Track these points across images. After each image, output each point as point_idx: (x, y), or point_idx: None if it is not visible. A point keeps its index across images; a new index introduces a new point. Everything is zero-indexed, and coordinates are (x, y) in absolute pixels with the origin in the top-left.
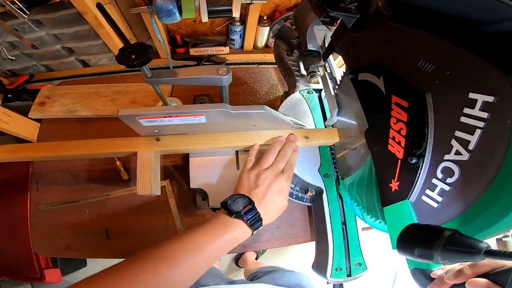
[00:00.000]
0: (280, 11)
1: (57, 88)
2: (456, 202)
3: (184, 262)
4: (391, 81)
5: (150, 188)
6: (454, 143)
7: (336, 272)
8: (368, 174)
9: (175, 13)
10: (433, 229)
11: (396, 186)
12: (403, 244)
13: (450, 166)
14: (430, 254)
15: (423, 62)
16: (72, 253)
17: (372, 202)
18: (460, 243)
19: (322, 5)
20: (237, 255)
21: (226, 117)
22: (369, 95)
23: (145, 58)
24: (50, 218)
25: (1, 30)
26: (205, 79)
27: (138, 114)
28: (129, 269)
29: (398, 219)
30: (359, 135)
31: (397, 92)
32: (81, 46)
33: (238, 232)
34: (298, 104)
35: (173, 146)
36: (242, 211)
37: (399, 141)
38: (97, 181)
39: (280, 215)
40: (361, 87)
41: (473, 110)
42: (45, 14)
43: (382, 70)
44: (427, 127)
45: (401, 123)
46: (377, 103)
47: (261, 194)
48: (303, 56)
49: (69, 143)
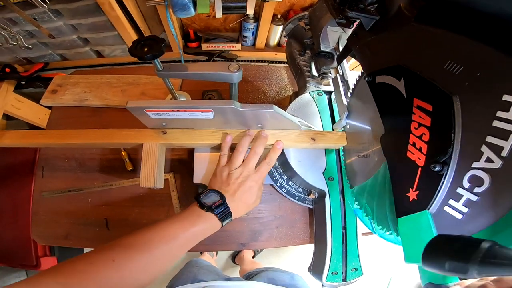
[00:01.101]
0: (295, 10)
1: (70, 77)
2: (485, 213)
3: (158, 249)
4: (413, 83)
5: (153, 181)
6: (485, 149)
7: (332, 276)
8: (381, 183)
9: (189, 7)
10: (468, 240)
11: (414, 195)
12: (431, 257)
13: (479, 175)
14: (465, 268)
15: (450, 63)
16: (70, 242)
17: (384, 212)
18: (502, 255)
19: (339, 6)
20: (234, 252)
21: (234, 114)
22: (388, 98)
23: (157, 52)
24: (51, 205)
25: (20, 19)
26: (216, 75)
27: (146, 106)
28: (106, 254)
29: (415, 231)
30: (373, 141)
31: (420, 95)
32: (96, 37)
33: (208, 224)
34: (307, 105)
35: (179, 140)
36: (213, 205)
37: (420, 147)
38: (101, 170)
39: (250, 210)
40: (379, 90)
41: (508, 114)
42: (64, 4)
43: (403, 72)
44: (454, 131)
45: (423, 128)
46: (397, 107)
47: (232, 191)
48: (316, 57)
49: (77, 132)
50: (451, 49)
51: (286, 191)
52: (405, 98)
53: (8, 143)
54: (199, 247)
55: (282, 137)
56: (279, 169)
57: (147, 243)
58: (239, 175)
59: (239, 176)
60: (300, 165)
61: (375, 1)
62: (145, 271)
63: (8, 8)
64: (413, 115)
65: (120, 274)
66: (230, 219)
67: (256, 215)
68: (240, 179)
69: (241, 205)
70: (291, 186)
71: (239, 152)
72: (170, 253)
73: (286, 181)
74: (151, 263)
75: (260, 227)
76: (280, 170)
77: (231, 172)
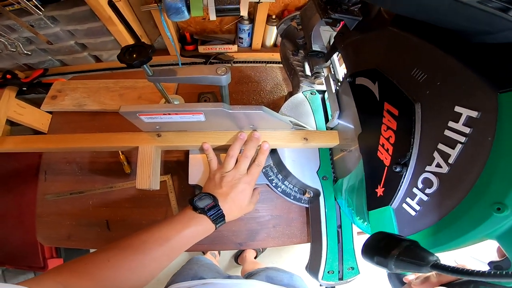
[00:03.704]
0: (289, 10)
1: (69, 82)
2: (431, 212)
3: (152, 250)
4: (385, 87)
5: (148, 182)
6: (436, 155)
7: (328, 275)
8: (360, 178)
9: (183, 11)
10: (394, 238)
11: (381, 191)
12: (366, 250)
13: (430, 178)
14: (386, 263)
15: (417, 71)
16: (73, 243)
17: (361, 204)
18: (413, 254)
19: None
20: (237, 252)
21: (225, 116)
22: (364, 99)
23: (144, 57)
24: (54, 207)
25: (18, 26)
26: (205, 79)
27: (138, 111)
28: (102, 255)
29: (380, 224)
30: (354, 138)
31: (390, 99)
32: (93, 42)
33: (201, 226)
34: (301, 105)
35: (173, 142)
36: (206, 208)
37: (388, 149)
38: (101, 173)
39: (245, 213)
40: (358, 91)
41: (457, 124)
42: (60, 11)
43: (378, 76)
44: (413, 137)
45: (390, 131)
46: (371, 108)
47: (224, 193)
48: (308, 57)
49: (76, 136)
50: (418, 56)
51: (281, 191)
52: (378, 101)
53: (11, 148)
54: (198, 247)
55: (274, 137)
56: (274, 169)
57: (142, 245)
58: (231, 178)
59: (231, 179)
60: (294, 164)
61: (358, 1)
62: (140, 272)
63: (5, 16)
64: (383, 118)
65: (115, 274)
66: (223, 222)
67: (253, 214)
68: (232, 182)
69: (234, 208)
70: (287, 185)
71: (230, 156)
72: (164, 254)
73: (282, 180)
74: (145, 264)
75: (257, 226)
76: (275, 170)
77: (223, 176)
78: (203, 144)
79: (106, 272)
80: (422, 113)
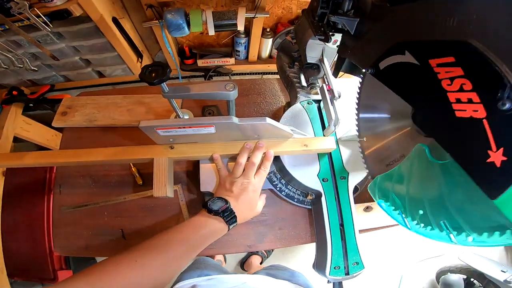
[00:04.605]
0: (283, 23)
1: (78, 98)
2: None
3: (175, 250)
4: (420, 49)
5: (165, 190)
6: None
7: (335, 270)
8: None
9: (184, 27)
10: None
11: (500, 156)
12: None
13: None
14: None
15: (444, 19)
16: (90, 252)
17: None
18: None
19: (318, 23)
20: (243, 258)
21: (233, 128)
22: (402, 76)
23: (163, 77)
24: (71, 219)
25: (24, 41)
26: (215, 95)
27: (157, 125)
28: (129, 256)
29: None
30: (394, 127)
31: (434, 54)
32: (97, 58)
33: (216, 226)
34: (299, 115)
35: (185, 154)
36: (220, 210)
37: (470, 99)
38: (114, 185)
39: (253, 216)
40: (388, 74)
41: None
42: (65, 27)
43: (404, 46)
44: (494, 64)
45: (458, 80)
46: (416, 77)
47: (235, 196)
48: (303, 69)
49: (93, 150)
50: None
51: (285, 195)
52: (419, 65)
53: (31, 163)
54: (209, 251)
55: (277, 145)
56: (277, 174)
57: (165, 244)
58: (241, 183)
59: (241, 184)
60: (296, 169)
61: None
62: (164, 270)
63: (12, 31)
64: (437, 74)
65: (142, 273)
66: (235, 223)
67: (260, 218)
68: (242, 187)
69: (244, 209)
70: (290, 189)
71: (238, 164)
72: (185, 253)
73: (285, 185)
74: (169, 263)
75: (264, 229)
76: (278, 176)
77: (233, 181)
78: (213, 154)
79: (135, 272)
80: (482, 42)
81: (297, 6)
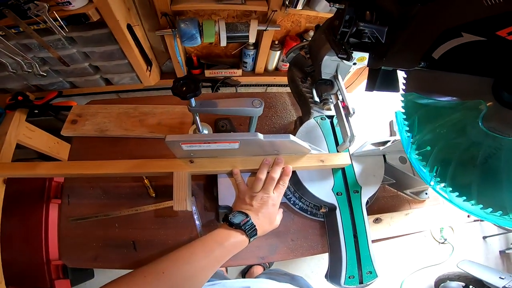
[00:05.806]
0: (291, 36)
1: (88, 107)
2: None
3: (200, 261)
4: (478, 27)
5: (185, 204)
6: None
7: (349, 279)
8: None
9: (197, 37)
10: None
11: None
12: None
13: None
14: None
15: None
16: (99, 263)
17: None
18: None
19: (339, 42)
20: (245, 269)
21: (255, 144)
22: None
23: (197, 91)
24: (79, 230)
25: (35, 45)
26: (241, 111)
27: (182, 140)
28: (156, 268)
29: None
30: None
31: (498, 26)
32: (108, 65)
33: (238, 239)
34: (313, 130)
35: (206, 168)
36: (241, 223)
37: None
38: (126, 197)
39: (272, 229)
40: (447, 60)
41: None
42: (79, 32)
43: (458, 29)
44: None
45: None
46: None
47: (256, 211)
48: (316, 84)
49: (112, 162)
50: None
51: (299, 208)
52: (486, 40)
53: (44, 173)
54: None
55: (295, 160)
56: (291, 188)
57: (191, 256)
58: (261, 197)
59: (261, 198)
60: (311, 184)
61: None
62: (191, 281)
63: (23, 34)
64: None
65: (171, 284)
66: (256, 236)
67: (273, 230)
68: (262, 201)
69: (264, 223)
70: (303, 202)
71: (259, 179)
72: (209, 264)
73: (299, 198)
74: (195, 274)
75: (277, 241)
76: (292, 189)
77: (253, 196)
78: (233, 169)
79: (163, 283)
80: None
81: (306, 20)
